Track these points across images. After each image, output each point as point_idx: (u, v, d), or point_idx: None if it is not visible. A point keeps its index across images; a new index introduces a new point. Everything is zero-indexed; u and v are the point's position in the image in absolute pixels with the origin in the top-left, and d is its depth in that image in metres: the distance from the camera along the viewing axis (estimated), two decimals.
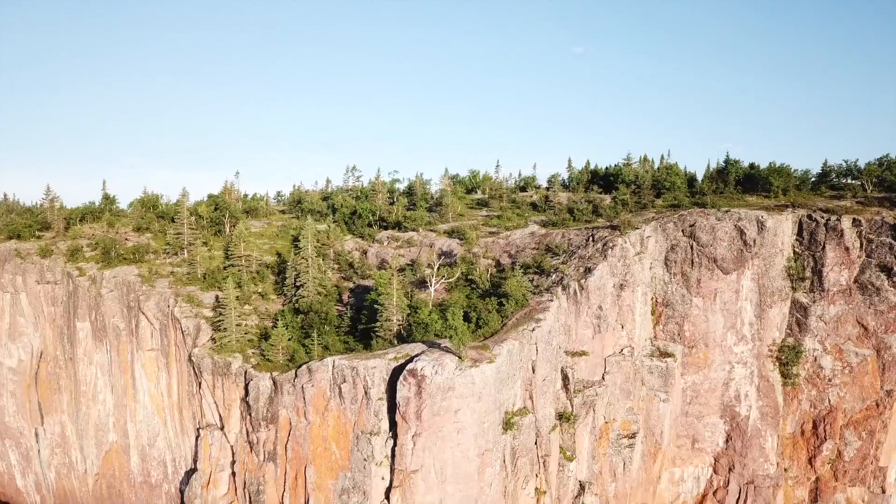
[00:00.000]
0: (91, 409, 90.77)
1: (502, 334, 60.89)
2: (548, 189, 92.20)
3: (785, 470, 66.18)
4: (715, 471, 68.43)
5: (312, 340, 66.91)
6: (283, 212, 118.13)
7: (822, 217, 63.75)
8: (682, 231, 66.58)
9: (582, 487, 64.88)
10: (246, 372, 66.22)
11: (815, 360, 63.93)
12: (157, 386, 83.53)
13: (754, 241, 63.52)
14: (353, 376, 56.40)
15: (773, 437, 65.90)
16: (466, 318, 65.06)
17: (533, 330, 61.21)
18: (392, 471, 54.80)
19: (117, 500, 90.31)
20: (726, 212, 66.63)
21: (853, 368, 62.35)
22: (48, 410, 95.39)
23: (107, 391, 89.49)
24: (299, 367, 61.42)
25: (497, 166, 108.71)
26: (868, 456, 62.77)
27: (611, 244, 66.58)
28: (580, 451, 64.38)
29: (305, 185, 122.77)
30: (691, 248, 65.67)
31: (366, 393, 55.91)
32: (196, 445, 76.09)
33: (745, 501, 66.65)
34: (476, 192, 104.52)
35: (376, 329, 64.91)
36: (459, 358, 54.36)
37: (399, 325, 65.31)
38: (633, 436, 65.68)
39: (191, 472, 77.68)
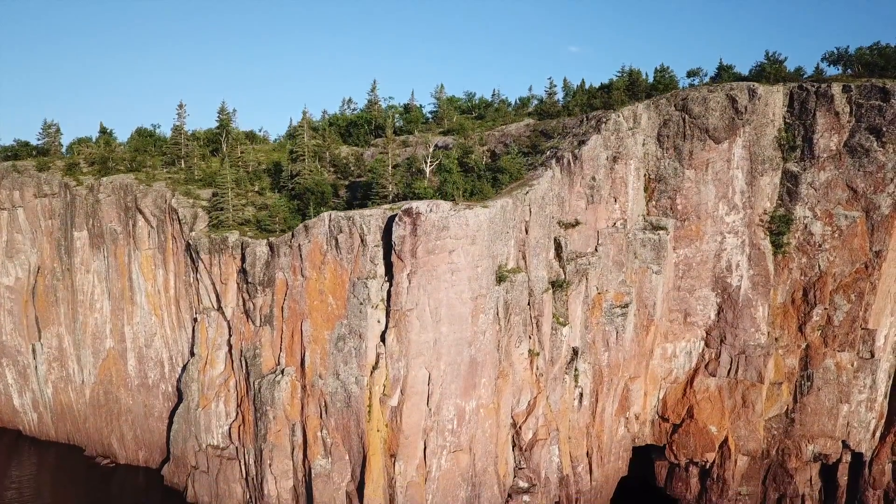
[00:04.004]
0: (88, 318, 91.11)
1: (496, 197, 61.60)
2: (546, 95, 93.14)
3: (776, 339, 66.93)
4: (707, 344, 69.23)
5: (308, 217, 67.34)
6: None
7: (813, 86, 64.57)
8: (675, 105, 67.36)
9: (575, 353, 65.65)
10: (242, 243, 66.80)
11: (806, 227, 64.65)
12: (154, 284, 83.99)
13: (746, 107, 64.30)
14: (349, 226, 57.02)
15: (763, 306, 66.66)
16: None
17: (527, 193, 61.98)
18: (388, 313, 55.45)
19: (114, 407, 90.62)
20: (718, 84, 67.52)
21: (843, 231, 63.11)
22: (45, 324, 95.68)
23: (104, 298, 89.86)
24: (295, 228, 61.99)
25: (494, 93, 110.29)
26: (857, 319, 63.56)
27: (604, 119, 67.38)
28: (573, 318, 65.16)
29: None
30: (683, 120, 66.46)
31: (362, 241, 56.53)
32: (193, 333, 76.59)
33: (735, 371, 67.47)
34: (472, 113, 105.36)
35: (371, 197, 65.53)
36: (454, 201, 55.10)
37: (395, 196, 65.89)
38: (625, 306, 66.42)
39: (187, 366, 78.14)
